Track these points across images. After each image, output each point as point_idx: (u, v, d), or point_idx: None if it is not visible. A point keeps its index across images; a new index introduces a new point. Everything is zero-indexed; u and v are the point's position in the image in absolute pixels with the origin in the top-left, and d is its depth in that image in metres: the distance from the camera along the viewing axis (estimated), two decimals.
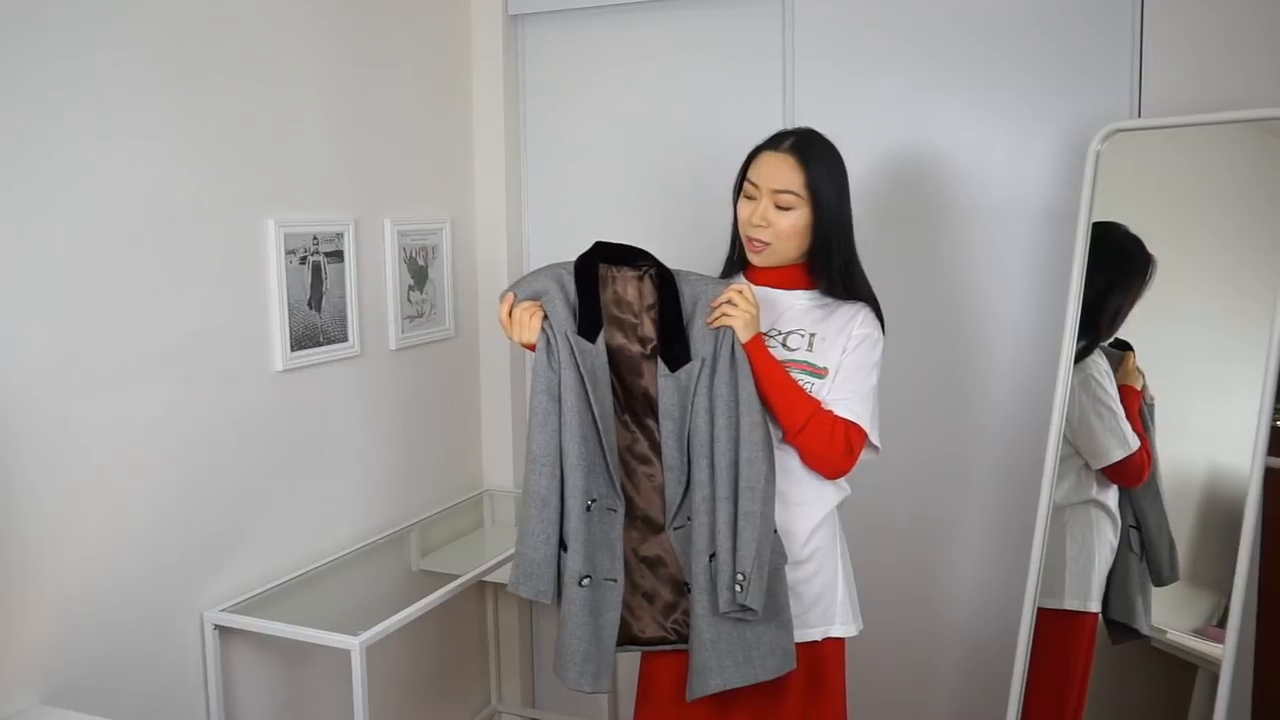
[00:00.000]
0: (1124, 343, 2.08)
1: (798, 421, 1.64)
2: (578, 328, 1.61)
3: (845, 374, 1.71)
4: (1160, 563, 2.03)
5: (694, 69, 2.56)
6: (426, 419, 2.56)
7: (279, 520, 2.10)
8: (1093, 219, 2.07)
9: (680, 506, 1.62)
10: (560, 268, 1.67)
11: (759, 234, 1.70)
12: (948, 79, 2.33)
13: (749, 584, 1.53)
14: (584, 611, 1.60)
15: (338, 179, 2.24)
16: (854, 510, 2.50)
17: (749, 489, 1.56)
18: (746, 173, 1.74)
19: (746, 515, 1.55)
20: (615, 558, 1.63)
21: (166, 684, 1.86)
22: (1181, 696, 1.99)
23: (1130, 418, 2.04)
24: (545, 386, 1.59)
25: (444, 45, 2.62)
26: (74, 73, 1.65)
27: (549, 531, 1.60)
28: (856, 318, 1.73)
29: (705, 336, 1.62)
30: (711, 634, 1.58)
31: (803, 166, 1.68)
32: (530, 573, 1.60)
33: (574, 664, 1.59)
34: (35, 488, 1.60)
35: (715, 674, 1.58)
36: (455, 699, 2.71)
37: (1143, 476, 2.06)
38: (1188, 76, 2.11)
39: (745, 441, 1.57)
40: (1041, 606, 2.08)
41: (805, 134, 1.73)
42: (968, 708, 2.47)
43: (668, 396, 1.59)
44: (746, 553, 1.54)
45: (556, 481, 1.60)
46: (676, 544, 1.64)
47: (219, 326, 1.94)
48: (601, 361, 1.61)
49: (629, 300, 1.66)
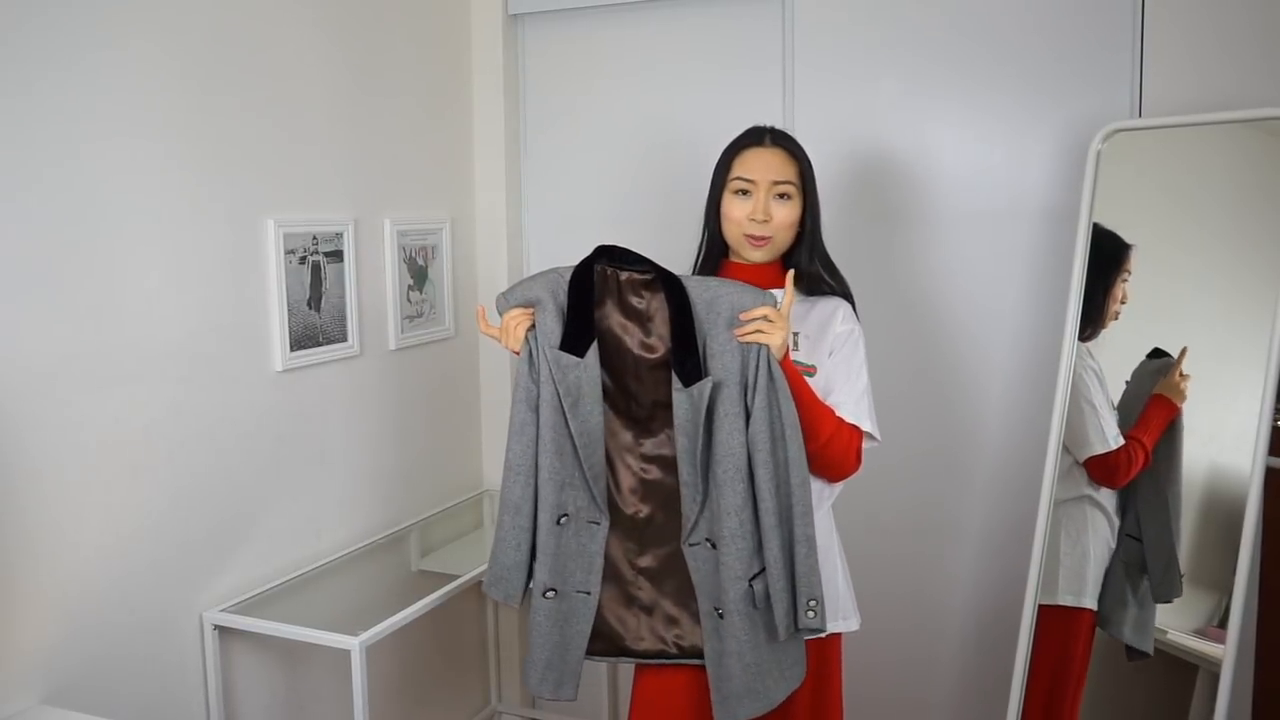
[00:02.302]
0: (1162, 352, 2.04)
1: (823, 436, 1.63)
2: (563, 341, 1.57)
3: (839, 378, 1.70)
4: (1155, 579, 2.02)
5: (694, 69, 2.56)
6: (426, 419, 2.56)
7: (279, 520, 2.10)
8: (1093, 219, 2.08)
9: (696, 524, 1.59)
10: (558, 275, 1.63)
11: (761, 229, 1.68)
12: (948, 79, 2.33)
13: (820, 607, 1.55)
14: (548, 622, 1.62)
15: (338, 179, 2.24)
16: (854, 507, 2.51)
17: (804, 515, 1.55)
18: (731, 171, 1.71)
19: (806, 540, 1.55)
20: (591, 571, 1.62)
21: (166, 684, 1.86)
22: (1182, 697, 1.99)
23: (1144, 425, 2.03)
24: (525, 397, 1.59)
25: (444, 45, 2.62)
26: (74, 72, 1.65)
27: (520, 538, 1.61)
28: (836, 314, 1.72)
29: (730, 349, 1.56)
30: (754, 657, 1.58)
31: (794, 159, 1.71)
32: (500, 576, 1.63)
33: (536, 671, 1.63)
34: (35, 487, 1.60)
35: (760, 696, 1.59)
36: (455, 699, 2.71)
37: (1116, 478, 2.06)
38: (1188, 76, 2.11)
39: (795, 465, 1.55)
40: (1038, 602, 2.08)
41: (781, 131, 1.75)
42: (965, 703, 2.47)
43: (682, 412, 1.55)
44: (814, 578, 1.55)
45: (531, 490, 1.60)
46: (693, 561, 1.61)
47: (219, 326, 1.94)
48: (590, 375, 1.56)
49: (637, 305, 1.62)
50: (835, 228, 2.44)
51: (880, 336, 2.44)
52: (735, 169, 1.71)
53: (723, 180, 1.73)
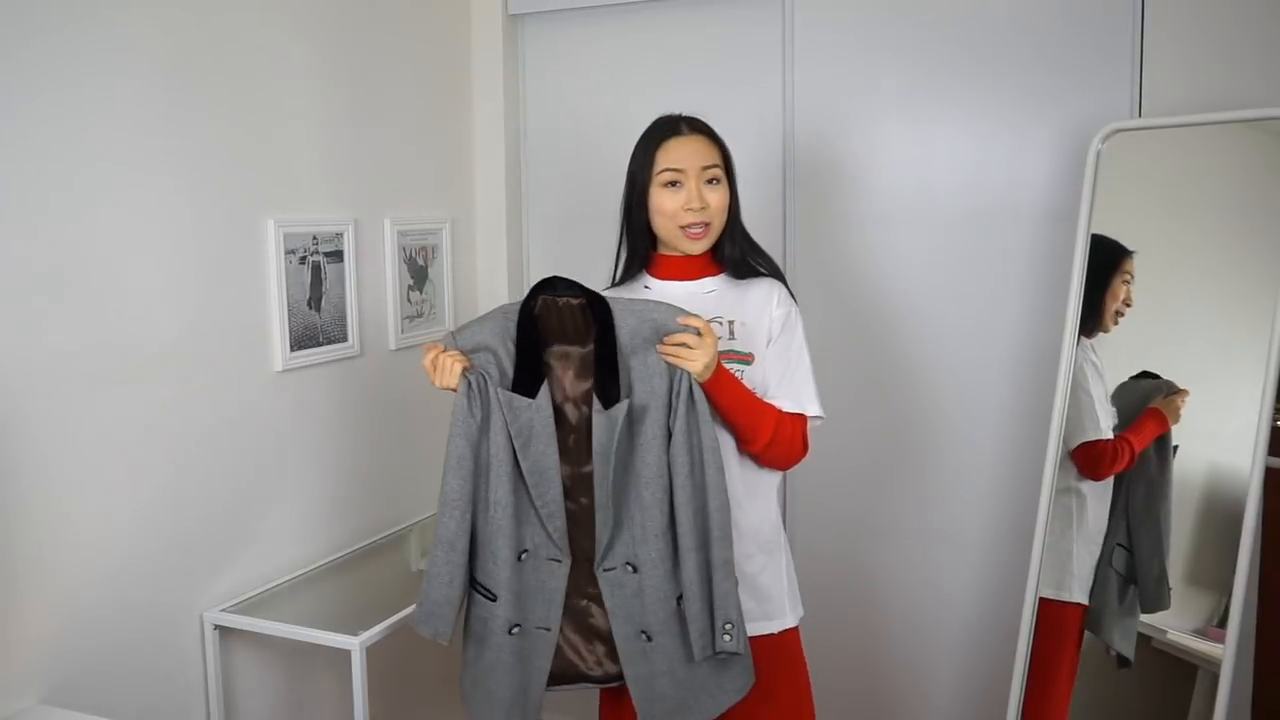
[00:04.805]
0: (1151, 375, 2.06)
1: (765, 438, 1.61)
2: (514, 382, 1.57)
3: (780, 364, 1.67)
4: (1146, 589, 2.03)
5: (694, 69, 2.56)
6: (426, 419, 2.55)
7: (279, 520, 2.10)
8: (1094, 219, 2.08)
9: (610, 547, 1.58)
10: (505, 318, 1.61)
11: (699, 216, 1.65)
12: (948, 79, 2.33)
13: (737, 630, 1.55)
14: (513, 659, 1.61)
15: (338, 179, 2.24)
16: (852, 508, 2.51)
17: (722, 539, 1.55)
18: (655, 165, 1.67)
19: (724, 564, 1.55)
20: (552, 606, 1.61)
21: (166, 684, 1.86)
22: (1182, 697, 1.99)
23: (1136, 430, 2.03)
24: (463, 431, 1.57)
25: (444, 45, 2.62)
26: (74, 72, 1.65)
27: (454, 574, 1.59)
28: (772, 297, 1.70)
29: (657, 372, 1.56)
30: (687, 674, 1.59)
31: (715, 143, 1.69)
32: (431, 613, 1.60)
33: (500, 709, 1.62)
34: (35, 487, 1.60)
35: (693, 712, 1.60)
36: (455, 699, 2.70)
37: (1100, 469, 2.07)
38: (1188, 76, 2.11)
39: (713, 489, 1.55)
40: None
41: (693, 117, 1.72)
42: (961, 697, 2.46)
43: (600, 434, 1.54)
44: (731, 601, 1.55)
45: (466, 525, 1.58)
46: (607, 587, 1.59)
47: (219, 326, 1.94)
48: (542, 416, 1.56)
49: (575, 331, 1.60)
50: (834, 227, 2.46)
51: (879, 336, 2.45)
52: (660, 161, 1.66)
53: (648, 175, 1.68)
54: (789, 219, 2.48)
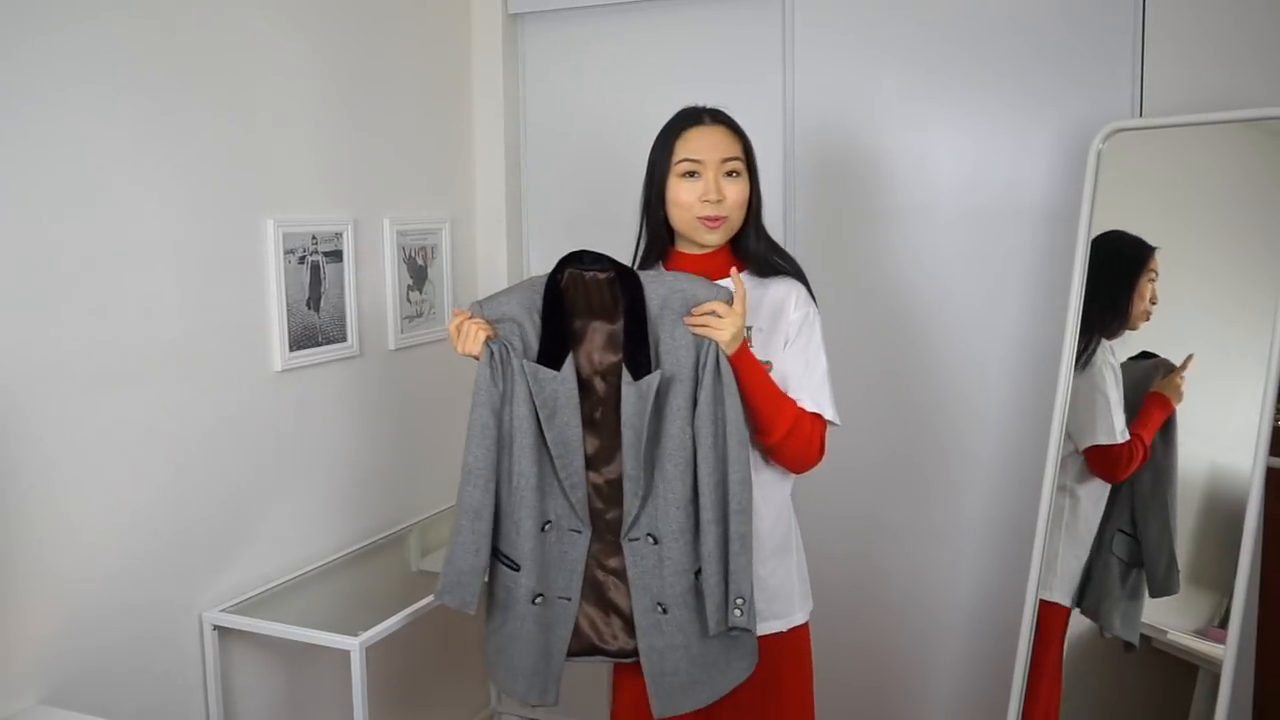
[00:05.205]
0: (1150, 354, 2.06)
1: (782, 429, 1.61)
2: (540, 354, 1.57)
3: (797, 366, 1.67)
4: (1155, 576, 2.02)
5: (694, 69, 2.56)
6: (426, 419, 2.56)
7: (278, 520, 2.10)
8: (1094, 218, 2.07)
9: (637, 519, 1.59)
10: (532, 290, 1.62)
11: (715, 209, 1.63)
12: (948, 78, 2.33)
13: (748, 606, 1.54)
14: (536, 628, 1.61)
15: (337, 179, 2.24)
16: (853, 507, 2.51)
17: (740, 512, 1.55)
18: (674, 155, 1.66)
19: (741, 538, 1.55)
20: (573, 576, 1.62)
21: (166, 684, 1.85)
22: (1182, 697, 1.99)
23: (1143, 422, 2.03)
24: (487, 400, 1.57)
25: (444, 45, 2.62)
26: (73, 71, 1.65)
27: (479, 543, 1.59)
28: (790, 299, 1.69)
29: (684, 344, 1.56)
30: (701, 649, 1.59)
31: (737, 135, 1.68)
32: (456, 582, 1.60)
33: (522, 678, 1.63)
34: (35, 487, 1.60)
35: (705, 687, 1.60)
36: (455, 699, 2.70)
37: (1117, 473, 2.06)
38: (1188, 76, 2.11)
39: (734, 462, 1.55)
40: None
41: (717, 109, 1.71)
42: (964, 694, 2.47)
43: (630, 405, 1.54)
44: (744, 576, 1.55)
45: (491, 495, 1.59)
46: (631, 557, 1.60)
47: (219, 326, 1.94)
48: (567, 388, 1.57)
49: (602, 306, 1.61)
50: (836, 227, 2.46)
51: (879, 336, 2.45)
52: (679, 151, 1.65)
53: (666, 165, 1.67)
54: (789, 219, 2.48)
